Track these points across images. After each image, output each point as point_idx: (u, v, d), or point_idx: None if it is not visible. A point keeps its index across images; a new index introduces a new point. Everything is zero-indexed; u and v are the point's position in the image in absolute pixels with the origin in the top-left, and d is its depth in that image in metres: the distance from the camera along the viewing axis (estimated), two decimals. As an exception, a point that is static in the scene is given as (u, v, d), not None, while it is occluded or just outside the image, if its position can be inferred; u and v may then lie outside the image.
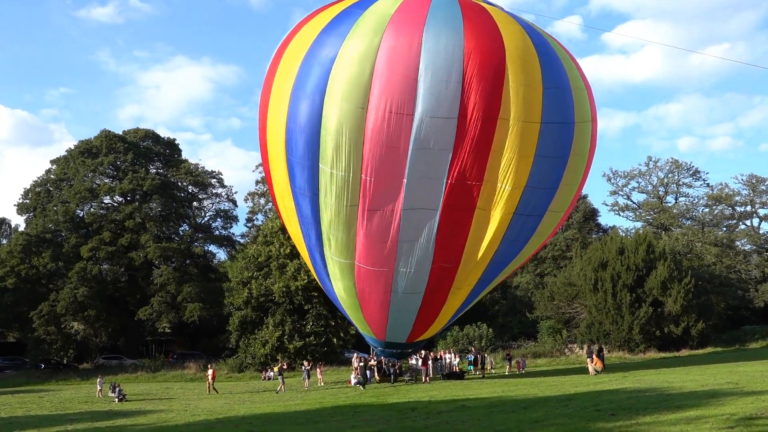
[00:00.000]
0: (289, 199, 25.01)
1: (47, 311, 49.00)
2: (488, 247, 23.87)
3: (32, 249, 52.25)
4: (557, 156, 22.96)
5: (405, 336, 27.81)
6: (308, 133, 22.66)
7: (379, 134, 21.89)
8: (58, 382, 42.94)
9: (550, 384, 24.42)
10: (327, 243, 24.67)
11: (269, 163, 25.38)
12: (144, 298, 53.59)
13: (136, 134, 59.50)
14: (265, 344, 42.16)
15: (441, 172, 22.29)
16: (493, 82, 21.70)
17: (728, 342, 47.03)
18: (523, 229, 24.14)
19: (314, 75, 22.54)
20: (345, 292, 26.21)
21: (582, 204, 66.20)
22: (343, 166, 22.46)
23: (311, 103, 22.49)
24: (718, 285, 52.63)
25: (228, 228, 61.31)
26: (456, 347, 40.22)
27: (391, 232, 23.26)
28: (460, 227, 23.37)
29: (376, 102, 21.75)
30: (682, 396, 16.81)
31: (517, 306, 59.36)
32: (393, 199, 22.74)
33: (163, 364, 48.11)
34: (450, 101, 21.53)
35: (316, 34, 23.18)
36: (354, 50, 22.13)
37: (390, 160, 22.10)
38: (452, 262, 24.25)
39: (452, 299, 26.00)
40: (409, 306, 25.74)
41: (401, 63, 21.73)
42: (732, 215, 64.27)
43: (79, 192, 53.87)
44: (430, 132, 21.70)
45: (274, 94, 24.09)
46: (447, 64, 21.58)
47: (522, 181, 22.64)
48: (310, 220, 24.56)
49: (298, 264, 42.54)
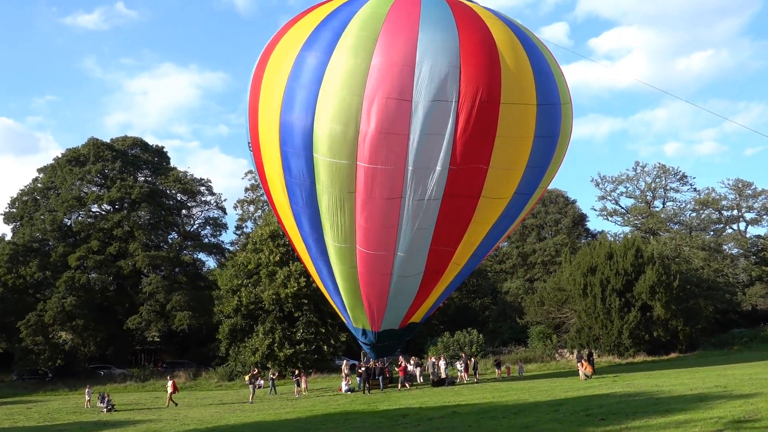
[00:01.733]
0: (282, 193, 25.13)
1: (35, 321, 48.52)
2: (486, 225, 24.87)
3: (19, 258, 51.85)
4: (550, 135, 24.07)
5: (399, 321, 28.14)
6: (304, 124, 22.87)
7: (377, 120, 22.16)
8: (46, 393, 42.56)
9: (541, 389, 24.48)
10: (326, 230, 24.77)
11: (262, 156, 25.42)
12: (133, 306, 53.24)
13: (124, 142, 59.27)
14: (255, 352, 41.96)
15: (443, 157, 22.65)
16: (489, 68, 22.53)
17: (717, 345, 47.29)
18: (517, 206, 25.38)
19: (310, 66, 22.93)
20: (344, 276, 26.32)
21: (571, 209, 66.54)
22: (342, 155, 22.67)
23: (307, 93, 22.79)
24: (706, 289, 52.95)
25: (217, 236, 61.24)
26: (447, 353, 40.19)
27: (392, 217, 23.60)
28: (463, 213, 24.01)
29: (373, 89, 22.11)
30: (672, 400, 16.91)
31: (507, 311, 59.44)
32: (394, 185, 23.00)
33: (152, 373, 47.77)
34: (449, 86, 22.06)
35: (310, 31, 23.65)
36: (350, 45, 22.66)
37: (389, 146, 22.40)
38: (452, 246, 25.03)
39: (447, 276, 26.69)
40: (409, 288, 26.25)
41: (399, 53, 22.29)
42: (719, 219, 64.82)
43: (66, 200, 53.53)
44: (430, 116, 22.10)
45: (265, 86, 24.29)
46: (443, 52, 22.26)
47: (523, 162, 23.63)
48: (306, 209, 24.70)
49: (288, 271, 42.45)
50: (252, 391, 29.70)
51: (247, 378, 31.54)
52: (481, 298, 65.67)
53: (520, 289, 61.20)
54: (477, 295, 66.31)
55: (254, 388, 29.96)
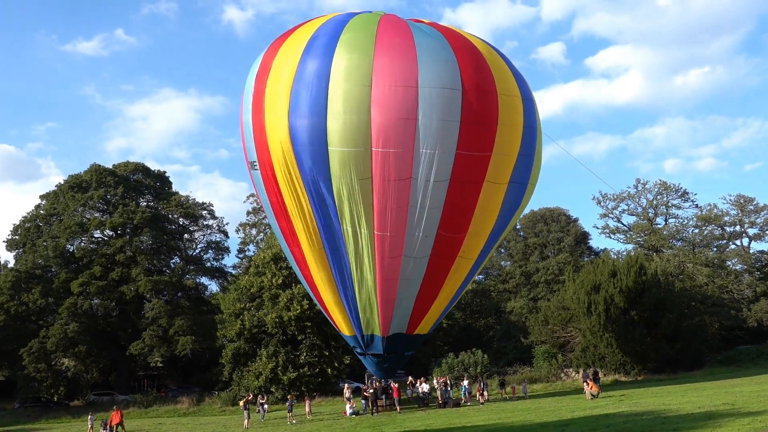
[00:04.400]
0: (298, 197, 25.49)
1: (37, 348, 48.35)
2: (491, 215, 26.07)
3: (22, 285, 51.77)
4: (533, 126, 26.27)
5: (407, 321, 28.29)
6: (315, 118, 23.92)
7: (387, 106, 23.55)
8: (49, 421, 42.24)
9: (547, 409, 24.26)
10: (344, 219, 25.32)
11: (270, 153, 25.80)
12: (135, 332, 53.01)
13: (126, 168, 59.49)
14: (258, 376, 41.69)
15: (450, 142, 24.02)
16: (481, 65, 24.99)
17: (723, 363, 46.93)
18: (515, 198, 26.69)
19: (313, 67, 24.30)
20: (360, 266, 26.48)
21: (573, 227, 66.46)
22: (355, 142, 23.77)
23: (316, 89, 23.97)
24: (711, 305, 52.69)
25: (219, 259, 61.06)
26: (451, 375, 39.91)
27: (402, 199, 24.54)
28: (469, 198, 25.21)
29: (380, 77, 23.66)
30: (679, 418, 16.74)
31: (511, 331, 59.13)
32: (405, 169, 24.07)
33: (156, 399, 47.45)
34: (451, 75, 23.96)
35: (306, 42, 25.21)
36: (352, 42, 24.47)
37: (398, 131, 23.69)
38: (460, 233, 25.99)
39: (453, 274, 27.16)
40: (416, 274, 26.61)
41: (399, 49, 24.19)
42: (722, 235, 64.66)
43: (69, 227, 53.57)
44: (437, 102, 23.60)
45: (269, 91, 25.25)
46: (441, 48, 24.64)
47: (515, 149, 25.39)
48: (323, 204, 25.21)
49: (291, 294, 42.32)
50: (246, 416, 29.60)
51: (242, 403, 31.39)
52: (485, 318, 65.38)
53: (524, 309, 60.90)
54: (480, 315, 66.03)
55: (249, 413, 29.88)
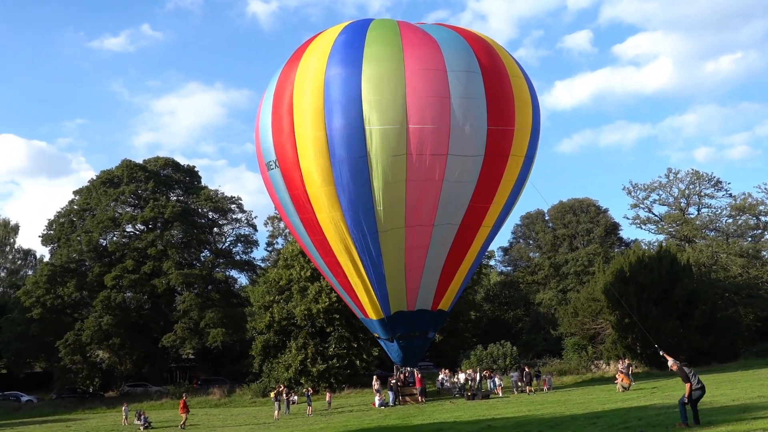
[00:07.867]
0: (325, 183, 26.35)
1: (73, 340, 49.50)
2: (508, 187, 28.07)
3: (57, 279, 52.92)
4: (537, 104, 29.25)
5: (432, 296, 29.35)
6: (348, 100, 25.61)
7: (420, 86, 25.65)
8: (85, 411, 43.23)
9: (577, 402, 24.10)
10: (377, 194, 26.45)
11: (298, 153, 26.66)
12: (167, 324, 53.92)
13: (156, 163, 60.30)
14: (288, 368, 42.13)
15: (481, 118, 26.27)
16: (490, 51, 28.36)
17: (758, 354, 46.00)
18: (526, 171, 28.93)
19: (347, 53, 26.28)
20: (390, 237, 27.33)
21: (603, 218, 65.63)
22: (391, 119, 25.48)
23: (350, 74, 25.74)
24: (746, 297, 51.64)
25: (249, 253, 61.61)
26: (481, 366, 39.80)
27: (437, 173, 26.08)
28: (498, 171, 27.24)
29: (411, 60, 25.86)
30: (713, 411, 16.49)
31: (540, 323, 58.71)
32: (440, 145, 25.83)
33: (188, 390, 48.21)
34: (470, 60, 26.80)
35: (333, 41, 27.36)
36: (379, 38, 26.83)
37: (433, 108, 25.66)
38: (486, 203, 27.86)
39: (476, 243, 28.90)
40: (444, 240, 27.85)
41: (423, 41, 26.78)
42: (757, 225, 63.09)
43: (101, 221, 54.55)
44: (464, 82, 26.04)
45: (298, 80, 26.76)
46: (455, 39, 27.76)
47: (529, 124, 28.09)
48: (353, 184, 26.27)
49: (320, 286, 42.59)
50: (277, 407, 30.17)
51: (273, 395, 32.00)
52: (513, 310, 65.01)
53: (553, 300, 60.40)
54: (509, 306, 65.67)
55: (279, 404, 30.43)
